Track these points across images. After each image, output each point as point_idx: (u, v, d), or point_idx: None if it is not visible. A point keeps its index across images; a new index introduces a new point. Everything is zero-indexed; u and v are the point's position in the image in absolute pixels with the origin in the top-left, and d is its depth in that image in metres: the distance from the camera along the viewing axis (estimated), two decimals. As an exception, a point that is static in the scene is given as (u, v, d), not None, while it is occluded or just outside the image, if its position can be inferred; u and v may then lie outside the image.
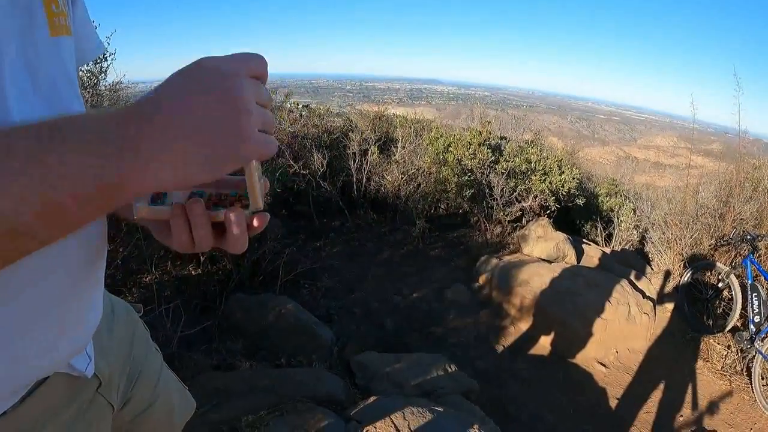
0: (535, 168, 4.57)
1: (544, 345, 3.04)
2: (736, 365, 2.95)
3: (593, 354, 2.99)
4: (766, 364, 2.70)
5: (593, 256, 4.08)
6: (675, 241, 3.79)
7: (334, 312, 3.14)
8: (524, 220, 4.57)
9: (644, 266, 4.08)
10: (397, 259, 4.08)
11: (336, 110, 8.18)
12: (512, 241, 4.22)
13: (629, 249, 4.79)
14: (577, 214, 5.51)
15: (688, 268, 3.48)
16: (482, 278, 3.66)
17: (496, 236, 4.36)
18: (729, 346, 3.05)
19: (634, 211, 5.17)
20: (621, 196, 6.03)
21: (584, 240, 4.62)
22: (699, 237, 3.69)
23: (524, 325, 3.18)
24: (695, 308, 3.41)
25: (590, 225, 5.44)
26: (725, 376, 2.90)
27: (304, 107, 6.68)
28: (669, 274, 3.73)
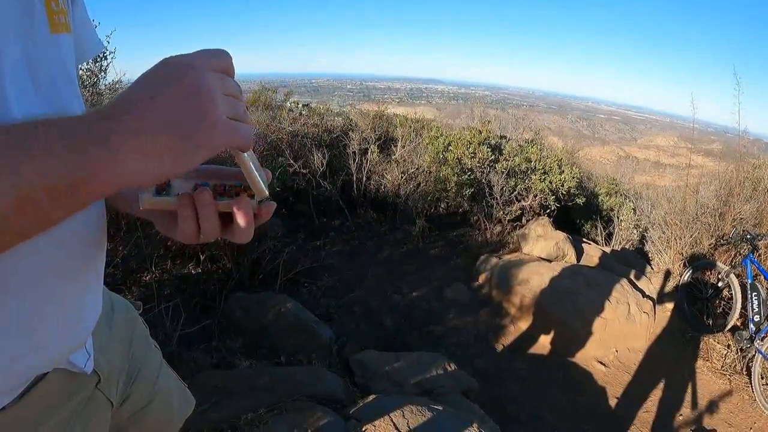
0: (535, 167, 4.58)
1: (543, 344, 3.04)
2: (735, 364, 2.95)
3: (593, 353, 2.99)
4: (766, 363, 2.70)
5: (593, 255, 4.08)
6: (675, 240, 3.79)
7: (334, 311, 3.14)
8: (524, 219, 4.57)
9: (644, 265, 4.08)
10: (397, 258, 4.08)
11: (336, 109, 8.19)
12: (512, 240, 4.22)
13: (629, 248, 4.79)
14: (577, 213, 5.51)
15: (688, 268, 3.48)
16: (482, 277, 3.67)
17: (495, 235, 4.36)
18: (729, 346, 3.05)
19: (634, 210, 5.17)
20: (621, 195, 6.03)
21: (584, 239, 4.62)
22: (699, 236, 3.69)
23: (524, 324, 3.18)
24: (695, 307, 3.42)
25: (590, 224, 5.44)
26: (725, 376, 2.91)
27: (304, 106, 6.68)
28: (669, 273, 3.73)
